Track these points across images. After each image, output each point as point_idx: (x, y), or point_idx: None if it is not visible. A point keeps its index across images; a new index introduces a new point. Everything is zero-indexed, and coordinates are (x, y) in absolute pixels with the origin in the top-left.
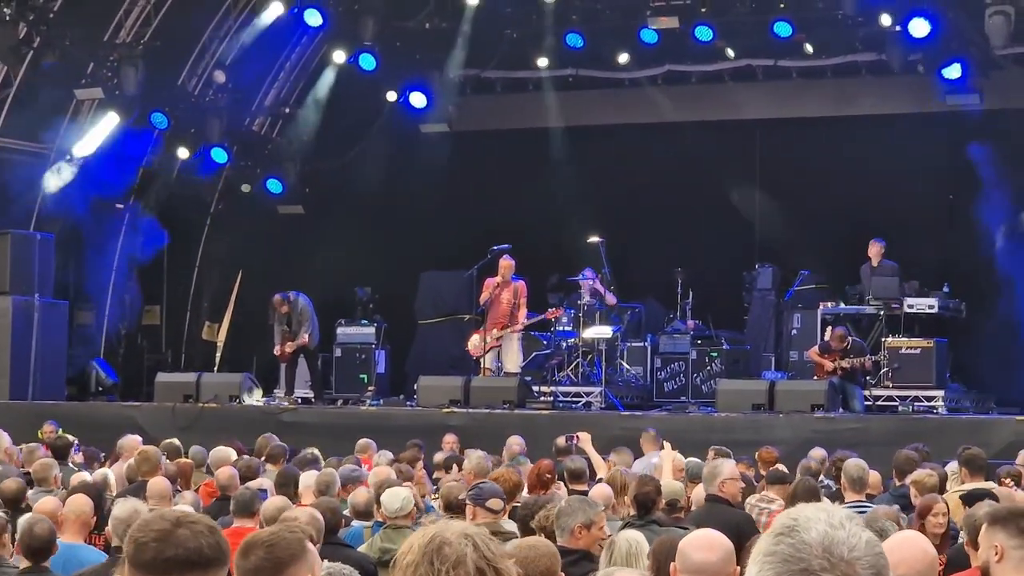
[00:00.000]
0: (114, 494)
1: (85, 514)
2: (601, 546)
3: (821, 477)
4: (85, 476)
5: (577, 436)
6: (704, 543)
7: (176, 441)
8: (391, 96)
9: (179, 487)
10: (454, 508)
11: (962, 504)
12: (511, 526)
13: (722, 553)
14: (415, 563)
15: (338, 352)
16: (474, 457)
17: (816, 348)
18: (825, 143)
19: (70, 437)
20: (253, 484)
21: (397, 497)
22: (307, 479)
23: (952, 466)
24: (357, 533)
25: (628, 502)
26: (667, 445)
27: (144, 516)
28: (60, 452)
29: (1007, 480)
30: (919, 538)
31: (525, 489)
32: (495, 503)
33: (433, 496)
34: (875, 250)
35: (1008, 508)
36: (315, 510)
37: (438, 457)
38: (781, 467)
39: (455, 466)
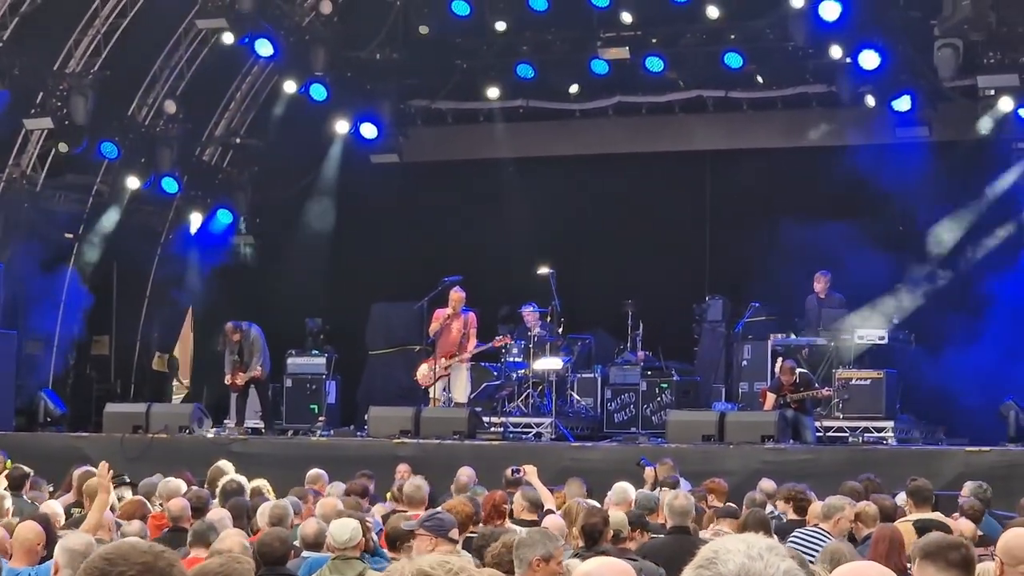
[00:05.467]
0: (61, 524)
1: (30, 541)
2: None
3: (771, 508)
4: (38, 506)
5: (523, 469)
6: (617, 570)
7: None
8: (342, 127)
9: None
10: (398, 539)
11: (916, 534)
12: (463, 556)
13: None
14: None
15: (289, 383)
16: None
17: (767, 388)
18: (775, 174)
19: (26, 468)
20: (212, 517)
21: (346, 528)
22: (262, 511)
23: (901, 497)
24: (319, 562)
25: (576, 533)
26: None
27: (117, 546)
28: (16, 483)
29: (955, 515)
30: (873, 566)
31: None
32: (456, 533)
33: None
34: (821, 283)
35: (937, 542)
36: (241, 538)
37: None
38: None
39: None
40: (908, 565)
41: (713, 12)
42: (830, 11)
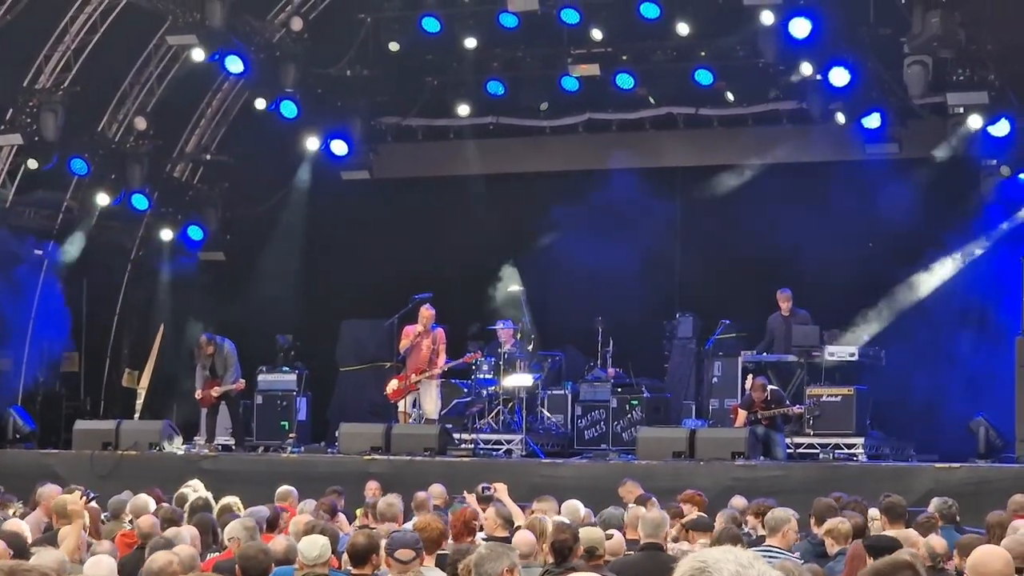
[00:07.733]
0: (29, 542)
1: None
2: None
3: (743, 526)
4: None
5: (494, 487)
6: None
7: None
8: (312, 143)
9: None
10: (359, 557)
11: (867, 554)
12: (434, 574)
13: None
14: None
15: (259, 399)
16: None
17: (738, 404)
18: (746, 191)
19: None
20: (169, 533)
21: (315, 545)
22: (231, 527)
23: (873, 512)
24: (287, 573)
25: (546, 549)
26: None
27: None
28: None
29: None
30: None
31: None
32: (404, 553)
33: None
34: (785, 301)
35: (891, 563)
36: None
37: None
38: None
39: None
40: None
41: (683, 29)
42: (800, 28)
